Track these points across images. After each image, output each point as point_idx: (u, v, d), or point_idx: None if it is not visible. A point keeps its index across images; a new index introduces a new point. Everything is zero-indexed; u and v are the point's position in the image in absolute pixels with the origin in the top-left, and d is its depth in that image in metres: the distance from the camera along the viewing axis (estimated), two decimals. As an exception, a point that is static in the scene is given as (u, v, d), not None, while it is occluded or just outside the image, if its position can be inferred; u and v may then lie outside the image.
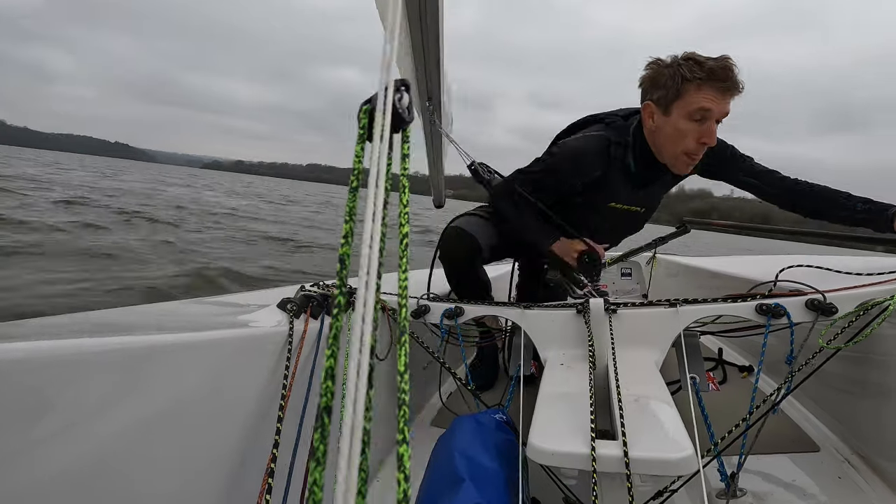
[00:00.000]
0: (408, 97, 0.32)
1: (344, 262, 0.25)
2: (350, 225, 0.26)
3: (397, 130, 0.32)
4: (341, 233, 0.26)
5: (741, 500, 1.04)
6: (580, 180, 1.50)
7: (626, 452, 0.70)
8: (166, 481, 0.71)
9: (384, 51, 0.32)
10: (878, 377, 1.08)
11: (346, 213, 0.26)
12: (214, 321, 1.06)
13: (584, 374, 1.00)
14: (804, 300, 1.05)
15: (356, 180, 0.27)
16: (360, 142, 0.29)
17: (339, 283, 0.25)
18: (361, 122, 0.30)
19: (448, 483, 0.77)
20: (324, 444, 0.21)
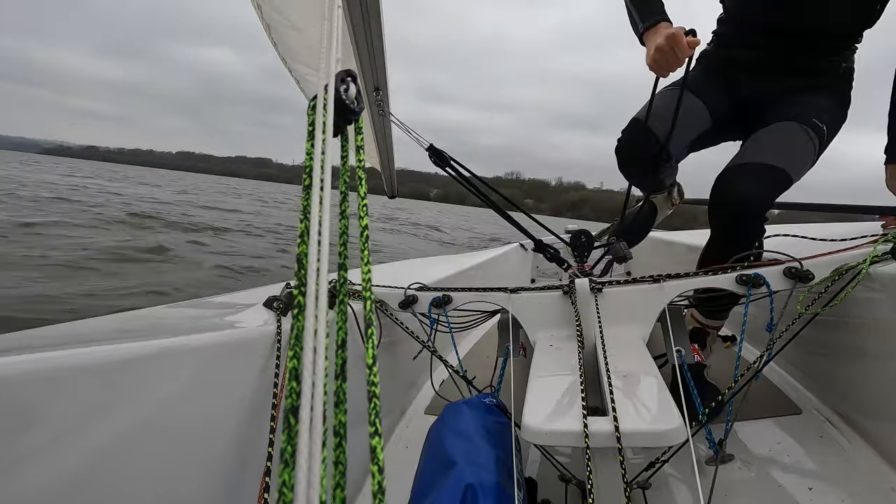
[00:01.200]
0: (354, 88, 0.32)
1: (301, 261, 0.25)
2: (306, 224, 0.25)
3: (350, 122, 0.31)
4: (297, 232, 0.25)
5: (729, 465, 1.07)
6: None
7: (618, 427, 0.71)
8: (157, 492, 0.71)
9: (323, 42, 0.31)
10: (854, 339, 1.10)
11: (301, 211, 0.26)
12: (199, 325, 1.05)
13: (573, 353, 1.01)
14: (782, 268, 1.06)
15: (308, 178, 0.27)
16: (309, 139, 0.28)
17: (296, 283, 0.25)
18: (310, 118, 0.29)
19: (441, 467, 0.78)
20: (291, 446, 0.21)
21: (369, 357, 0.25)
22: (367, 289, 0.27)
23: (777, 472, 1.04)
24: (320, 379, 0.21)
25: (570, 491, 1.02)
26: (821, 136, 1.28)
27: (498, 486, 0.74)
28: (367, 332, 0.26)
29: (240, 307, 1.14)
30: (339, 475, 0.22)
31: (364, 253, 0.28)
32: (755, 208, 1.23)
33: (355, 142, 0.31)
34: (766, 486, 1.00)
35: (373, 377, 0.25)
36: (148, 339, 0.79)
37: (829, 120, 1.32)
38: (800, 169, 1.28)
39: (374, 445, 0.24)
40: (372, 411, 0.24)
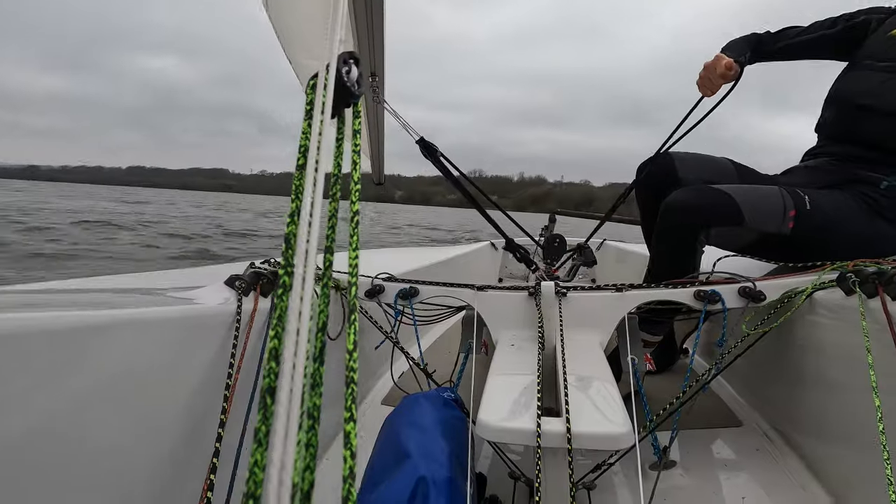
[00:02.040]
0: (356, 71, 0.31)
1: (290, 241, 0.25)
2: (297, 203, 0.25)
3: (347, 105, 0.31)
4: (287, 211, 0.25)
5: (671, 471, 1.12)
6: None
7: (569, 428, 0.73)
8: (102, 465, 0.69)
9: (330, 22, 0.31)
10: (795, 360, 1.17)
11: (293, 191, 0.26)
12: (155, 297, 1.01)
13: (534, 354, 1.03)
14: (737, 287, 1.12)
15: (303, 157, 0.26)
16: (306, 118, 0.28)
17: (283, 263, 0.25)
18: (308, 97, 0.29)
19: (394, 458, 0.78)
20: (266, 426, 0.21)
21: (349, 343, 0.25)
22: (353, 274, 0.27)
23: (714, 480, 1.09)
24: (301, 361, 0.21)
25: (518, 488, 1.04)
26: (797, 202, 1.31)
27: (449, 480, 0.74)
28: (351, 318, 0.26)
29: (198, 283, 1.10)
30: (309, 457, 0.22)
31: (353, 238, 0.28)
32: (690, 215, 1.31)
33: (353, 125, 0.31)
34: (703, 493, 1.05)
35: (352, 363, 0.25)
36: (104, 307, 0.75)
37: (823, 200, 1.34)
38: (754, 211, 1.31)
39: (348, 431, 0.24)
40: (349, 397, 0.24)
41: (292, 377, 0.21)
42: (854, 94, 1.44)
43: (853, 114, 1.42)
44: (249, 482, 0.20)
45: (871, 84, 1.40)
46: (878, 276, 0.87)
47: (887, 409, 0.71)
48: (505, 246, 1.78)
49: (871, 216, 1.33)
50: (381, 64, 1.69)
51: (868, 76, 1.42)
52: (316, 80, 0.29)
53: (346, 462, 0.23)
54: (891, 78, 1.36)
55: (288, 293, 0.23)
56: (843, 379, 0.97)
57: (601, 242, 3.25)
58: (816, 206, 1.33)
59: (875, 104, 1.37)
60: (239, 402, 0.87)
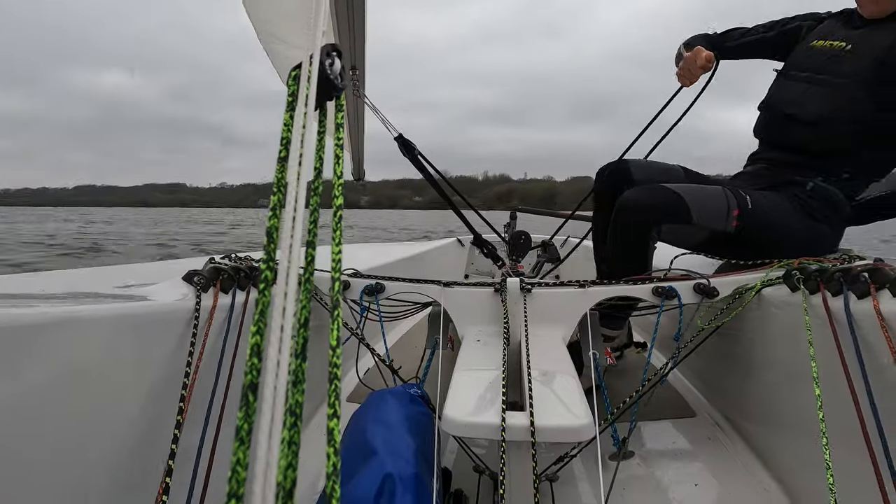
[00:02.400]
0: (339, 63, 0.31)
1: (272, 235, 0.24)
2: (279, 196, 0.25)
3: (330, 98, 0.30)
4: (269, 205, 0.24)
5: (629, 461, 1.16)
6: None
7: (533, 422, 0.75)
8: (50, 466, 0.65)
9: (312, 14, 0.30)
10: (744, 353, 1.24)
11: (275, 184, 0.25)
12: (107, 293, 0.96)
13: (499, 349, 1.05)
14: (692, 284, 1.17)
15: (284, 150, 0.26)
16: (288, 109, 0.27)
17: (265, 258, 0.24)
18: (290, 89, 0.28)
19: (361, 455, 0.78)
20: (248, 423, 0.21)
21: (332, 338, 0.25)
22: (336, 269, 0.27)
23: (669, 469, 1.14)
24: (286, 357, 0.21)
25: (483, 482, 1.05)
26: (740, 202, 1.38)
27: (416, 476, 0.74)
28: (334, 313, 0.26)
29: (153, 279, 1.06)
30: (291, 455, 0.22)
31: (336, 233, 0.27)
32: (642, 213, 1.38)
33: (335, 119, 0.30)
34: (659, 481, 1.10)
35: (335, 359, 0.24)
36: (54, 302, 0.71)
37: (763, 201, 1.41)
38: (701, 209, 1.37)
39: (331, 427, 0.23)
40: (332, 393, 0.24)
41: (276, 374, 0.20)
42: (781, 103, 1.53)
43: (780, 122, 1.52)
44: (232, 481, 0.20)
45: (794, 94, 1.49)
46: (820, 273, 0.94)
47: (827, 398, 0.76)
48: (472, 242, 1.79)
49: (803, 216, 1.42)
50: (361, 58, 1.66)
51: (793, 86, 1.51)
52: (298, 71, 0.28)
53: (329, 459, 0.23)
54: (810, 88, 1.46)
55: (270, 287, 0.23)
56: (787, 370, 1.04)
57: (565, 239, 3.32)
58: (757, 205, 1.40)
59: (798, 113, 1.45)
60: (197, 402, 0.84)
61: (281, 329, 0.21)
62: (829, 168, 1.41)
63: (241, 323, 1.02)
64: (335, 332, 0.25)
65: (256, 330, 0.22)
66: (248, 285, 1.08)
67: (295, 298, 0.22)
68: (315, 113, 0.29)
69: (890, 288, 0.77)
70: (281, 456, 0.20)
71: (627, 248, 1.40)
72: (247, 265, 1.14)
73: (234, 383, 0.92)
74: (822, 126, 1.40)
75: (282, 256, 0.23)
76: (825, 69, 1.43)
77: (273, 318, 0.22)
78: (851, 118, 1.36)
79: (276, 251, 0.24)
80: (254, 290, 1.09)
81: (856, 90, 1.35)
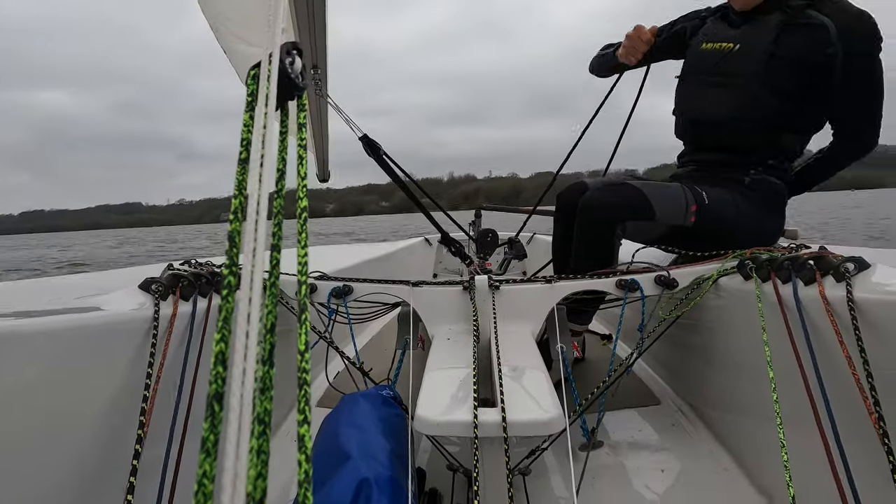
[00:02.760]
0: (300, 62, 0.30)
1: (234, 239, 0.23)
2: (240, 200, 0.24)
3: (292, 97, 0.30)
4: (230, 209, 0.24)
5: (599, 451, 1.19)
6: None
7: (505, 417, 0.75)
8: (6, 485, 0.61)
9: (270, 11, 0.29)
10: (703, 340, 1.29)
11: (235, 186, 0.24)
12: (60, 305, 0.91)
13: (469, 347, 1.05)
14: (653, 276, 1.21)
15: (245, 151, 0.25)
16: (248, 110, 0.26)
17: (228, 262, 0.23)
18: (249, 89, 0.27)
19: (335, 460, 0.77)
20: (214, 434, 0.20)
21: (301, 343, 0.24)
22: (303, 272, 0.26)
23: (637, 457, 1.18)
24: (251, 364, 0.20)
25: (457, 479, 1.06)
26: (698, 198, 1.42)
27: (392, 479, 0.74)
28: (302, 317, 0.25)
29: (108, 288, 1.01)
30: (261, 464, 0.21)
31: (302, 235, 0.26)
32: (608, 211, 1.42)
33: (297, 119, 0.29)
34: (627, 469, 1.13)
35: (304, 364, 0.24)
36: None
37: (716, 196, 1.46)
38: (662, 206, 1.41)
39: (302, 434, 0.23)
40: (302, 399, 0.24)
41: (242, 382, 0.20)
42: (686, 109, 1.58)
43: (691, 126, 1.58)
44: (198, 495, 0.19)
45: (695, 99, 1.55)
46: (771, 262, 0.98)
47: (780, 380, 0.80)
48: (440, 240, 1.79)
49: (750, 207, 1.48)
50: (323, 57, 1.63)
51: (693, 91, 1.57)
52: (257, 70, 0.27)
53: (301, 466, 0.23)
54: (708, 92, 1.50)
55: (234, 293, 0.22)
56: (744, 356, 1.08)
57: (531, 236, 3.37)
58: (713, 200, 1.46)
59: (702, 118, 1.52)
60: (160, 415, 0.81)
61: (246, 335, 0.21)
62: (756, 160, 1.47)
63: (203, 331, 0.99)
64: (303, 337, 0.25)
65: (221, 337, 0.22)
66: (210, 292, 1.05)
67: (260, 303, 0.22)
68: (276, 113, 0.28)
69: (833, 274, 0.82)
70: (250, 466, 0.20)
71: (594, 245, 1.43)
72: (208, 271, 1.11)
73: (198, 394, 0.89)
74: (730, 126, 1.46)
75: (245, 260, 0.22)
76: (718, 72, 1.48)
77: (238, 324, 0.21)
78: (757, 115, 1.41)
79: (240, 255, 0.23)
80: (216, 297, 1.06)
81: (754, 87, 1.40)
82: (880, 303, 0.70)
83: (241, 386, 0.20)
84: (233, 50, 1.68)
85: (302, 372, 0.24)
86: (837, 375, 0.72)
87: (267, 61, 0.27)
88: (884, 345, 0.68)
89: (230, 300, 0.22)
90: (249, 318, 0.21)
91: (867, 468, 0.63)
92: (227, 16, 1.53)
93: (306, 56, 1.57)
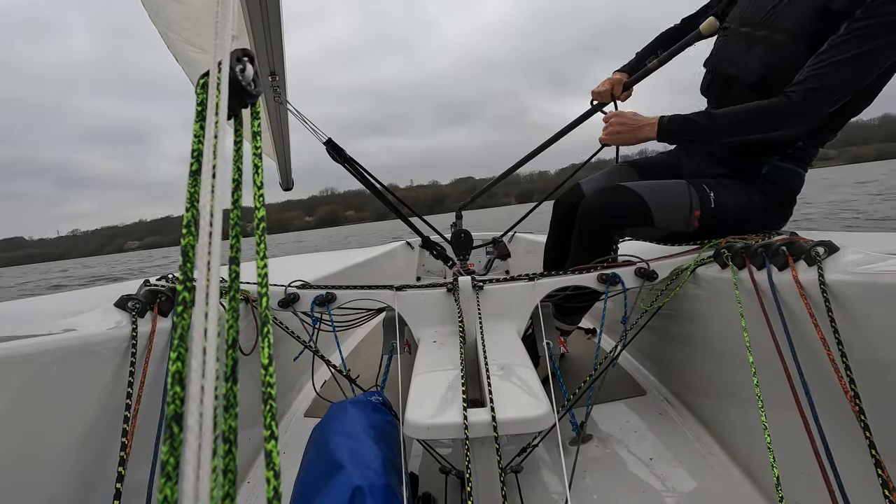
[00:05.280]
0: (252, 69, 0.29)
1: (187, 254, 0.23)
2: (192, 213, 0.23)
3: (245, 106, 0.29)
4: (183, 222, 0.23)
5: (589, 444, 1.20)
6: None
7: (494, 417, 0.75)
8: None
9: (218, 17, 0.29)
10: (685, 329, 1.31)
11: (188, 199, 0.23)
12: (31, 329, 0.89)
13: (456, 348, 1.05)
14: (634, 269, 1.22)
15: (196, 162, 0.24)
16: (198, 119, 0.26)
17: (181, 278, 0.23)
18: (199, 98, 0.27)
19: (326, 470, 0.76)
20: (174, 457, 0.19)
21: (264, 357, 0.24)
22: (263, 284, 0.26)
23: (625, 447, 1.19)
24: (210, 381, 0.19)
25: (450, 482, 1.05)
26: (703, 201, 1.34)
27: (385, 486, 0.73)
28: (264, 330, 0.24)
29: (84, 308, 0.99)
30: (228, 484, 0.20)
31: (260, 246, 0.26)
32: (605, 220, 1.38)
33: (251, 127, 0.29)
34: (617, 460, 1.14)
35: (268, 378, 0.23)
36: None
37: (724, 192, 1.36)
38: (662, 211, 1.35)
39: (269, 449, 0.22)
40: (267, 414, 0.23)
41: (201, 400, 0.19)
42: (722, 63, 1.42)
43: (722, 82, 1.41)
44: None
45: (735, 53, 1.37)
46: (745, 250, 1.00)
47: (759, 364, 0.81)
48: (421, 244, 1.78)
49: (759, 203, 1.35)
50: (280, 63, 1.62)
51: (733, 44, 1.39)
52: (206, 78, 0.27)
53: (269, 483, 0.22)
54: (750, 47, 1.33)
55: (189, 310, 0.21)
56: (724, 342, 1.10)
57: (512, 236, 3.39)
58: (720, 202, 1.34)
59: (738, 74, 1.34)
60: (142, 435, 0.79)
61: (203, 352, 0.20)
62: (782, 140, 1.30)
63: None
64: (266, 350, 0.24)
65: (177, 356, 0.21)
66: None
67: (217, 319, 0.21)
68: (230, 121, 0.27)
69: (805, 258, 0.83)
70: (214, 486, 0.19)
71: (592, 252, 1.39)
72: None
73: None
74: (764, 88, 1.27)
75: (199, 275, 0.22)
76: (765, 23, 1.31)
77: (194, 341, 0.20)
78: (794, 77, 1.20)
79: (194, 270, 0.23)
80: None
81: (796, 44, 1.22)
82: (850, 284, 0.72)
83: (199, 405, 0.19)
84: (185, 58, 1.65)
85: (266, 386, 0.23)
86: (814, 356, 0.74)
87: (216, 69, 0.26)
88: (855, 324, 0.70)
89: (186, 317, 0.22)
90: (206, 335, 0.20)
91: (846, 445, 0.64)
92: (178, 23, 1.51)
93: (263, 64, 1.56)
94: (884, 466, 0.57)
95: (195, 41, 1.56)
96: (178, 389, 0.20)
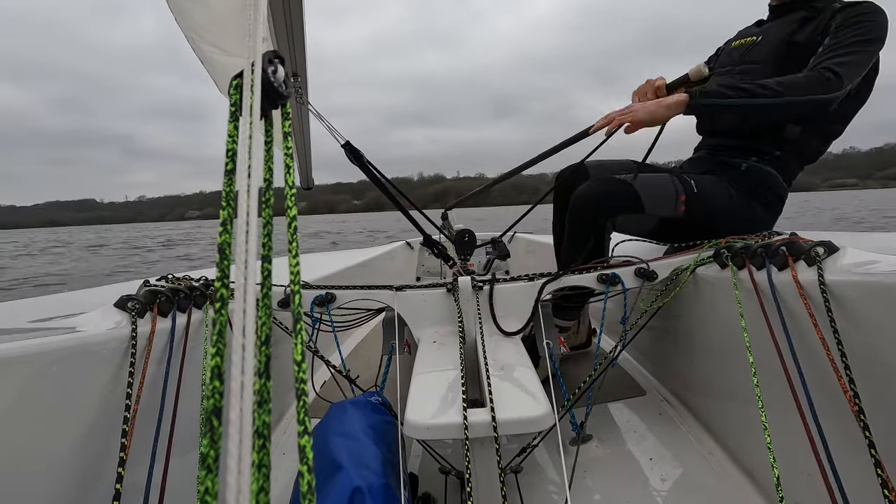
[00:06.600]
0: (283, 70, 0.30)
1: (224, 251, 0.23)
2: (228, 211, 0.24)
3: (276, 107, 0.30)
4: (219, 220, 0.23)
5: (589, 444, 1.21)
6: None
7: (494, 417, 0.76)
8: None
9: (250, 21, 0.29)
10: (684, 330, 1.32)
11: (223, 198, 0.24)
12: (31, 328, 0.88)
13: (455, 349, 1.05)
14: (633, 269, 1.23)
15: (231, 162, 0.25)
16: (231, 120, 0.26)
17: (219, 275, 0.23)
18: (232, 98, 0.27)
19: (326, 470, 0.76)
20: (215, 450, 0.20)
21: (297, 353, 0.24)
22: (295, 283, 0.26)
23: (625, 447, 1.20)
24: (249, 377, 0.20)
25: (450, 482, 1.06)
26: (686, 188, 1.45)
27: (385, 487, 0.74)
28: (296, 328, 0.25)
29: (84, 308, 0.98)
30: (262, 478, 0.21)
31: (292, 245, 0.26)
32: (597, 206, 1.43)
33: (282, 128, 0.29)
34: (617, 460, 1.15)
35: (301, 374, 0.24)
36: None
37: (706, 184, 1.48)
38: (651, 198, 1.43)
39: (303, 445, 0.23)
40: (301, 409, 0.23)
41: (241, 395, 0.19)
42: None
43: (708, 116, 1.63)
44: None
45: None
46: (745, 250, 1.01)
47: (759, 364, 0.83)
48: (422, 243, 1.79)
49: (741, 197, 1.51)
50: (302, 64, 1.62)
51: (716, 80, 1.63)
52: (239, 80, 0.27)
53: (303, 477, 0.22)
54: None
55: (227, 306, 0.22)
56: (723, 342, 1.11)
57: (512, 236, 3.40)
58: (701, 188, 1.48)
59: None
60: (142, 436, 0.79)
61: (243, 348, 0.20)
62: (760, 147, 1.50)
63: (184, 347, 0.96)
64: (299, 347, 0.24)
65: (216, 351, 0.21)
66: (190, 306, 1.02)
67: (255, 315, 0.22)
68: (260, 122, 0.28)
69: (805, 258, 0.85)
70: (252, 480, 0.20)
71: (585, 239, 1.44)
72: (186, 285, 1.08)
73: (181, 412, 0.87)
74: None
75: (237, 272, 0.22)
76: (742, 61, 1.55)
77: (234, 337, 0.21)
78: None
79: (231, 267, 0.23)
80: (197, 312, 1.03)
81: (768, 71, 1.42)
82: (850, 284, 0.73)
83: (240, 399, 0.19)
84: (210, 60, 1.65)
85: (300, 382, 0.23)
86: (813, 356, 0.75)
87: (249, 71, 0.26)
88: (855, 324, 0.71)
89: (223, 313, 0.22)
90: (245, 331, 0.21)
91: (846, 445, 0.65)
92: (201, 25, 1.51)
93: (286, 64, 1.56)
94: (883, 466, 0.59)
95: (218, 43, 1.55)
96: (217, 384, 0.21)
